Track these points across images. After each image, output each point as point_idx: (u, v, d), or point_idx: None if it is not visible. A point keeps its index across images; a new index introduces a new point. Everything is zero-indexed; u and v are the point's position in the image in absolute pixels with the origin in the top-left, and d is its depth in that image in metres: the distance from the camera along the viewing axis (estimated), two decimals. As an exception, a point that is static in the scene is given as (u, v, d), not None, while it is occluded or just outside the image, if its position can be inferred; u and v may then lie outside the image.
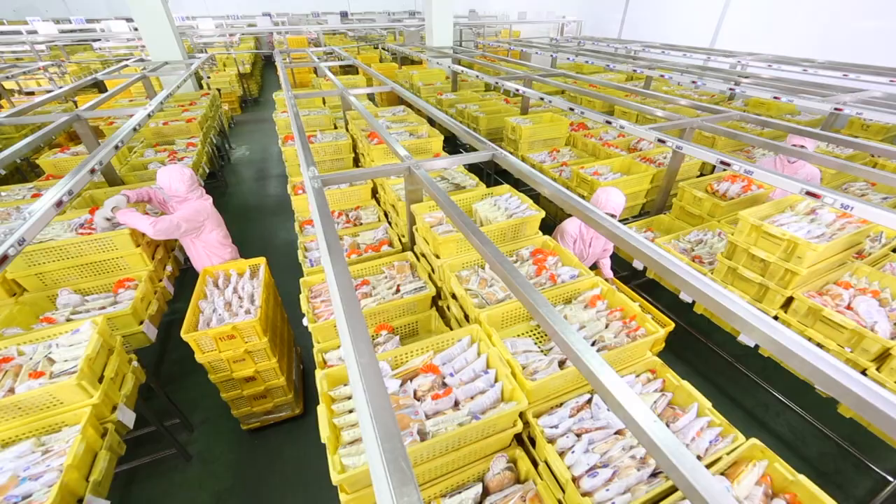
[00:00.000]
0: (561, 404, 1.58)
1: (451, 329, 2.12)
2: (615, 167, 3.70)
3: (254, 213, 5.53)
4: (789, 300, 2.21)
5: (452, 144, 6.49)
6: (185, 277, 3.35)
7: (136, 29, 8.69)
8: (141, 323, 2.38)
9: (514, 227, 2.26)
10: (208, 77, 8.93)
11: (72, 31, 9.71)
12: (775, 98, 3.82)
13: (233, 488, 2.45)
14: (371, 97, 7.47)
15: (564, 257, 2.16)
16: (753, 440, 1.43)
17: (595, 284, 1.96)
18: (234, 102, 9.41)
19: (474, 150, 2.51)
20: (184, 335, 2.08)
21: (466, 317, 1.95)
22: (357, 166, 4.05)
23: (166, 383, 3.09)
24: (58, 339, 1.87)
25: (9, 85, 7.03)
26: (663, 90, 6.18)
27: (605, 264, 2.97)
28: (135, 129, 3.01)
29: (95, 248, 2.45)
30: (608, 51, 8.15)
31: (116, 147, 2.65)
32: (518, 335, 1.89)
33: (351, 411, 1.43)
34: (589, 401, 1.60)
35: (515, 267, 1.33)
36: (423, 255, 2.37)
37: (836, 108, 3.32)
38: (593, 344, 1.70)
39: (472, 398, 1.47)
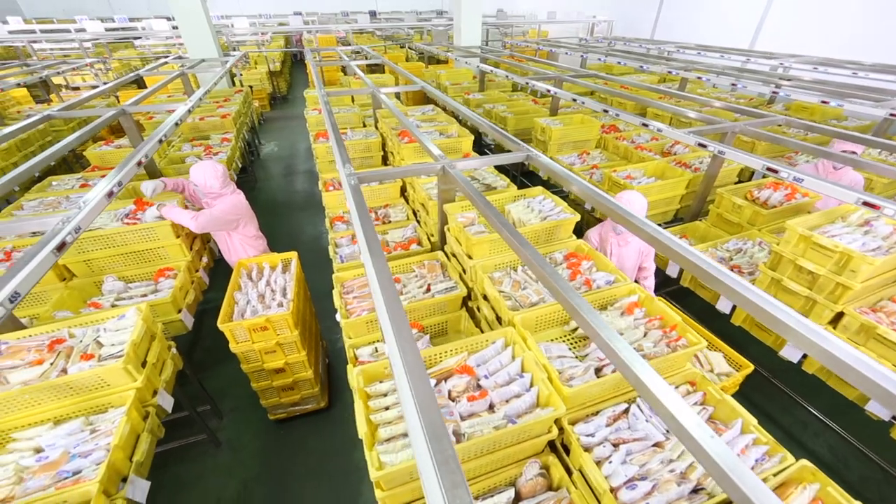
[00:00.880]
0: (597, 413, 1.55)
1: (482, 330, 2.11)
2: (649, 171, 3.60)
3: (282, 208, 5.66)
4: (839, 316, 2.10)
5: (477, 145, 6.46)
6: (217, 269, 3.45)
7: (175, 27, 9.03)
8: (179, 311, 2.47)
9: (548, 230, 2.23)
10: (240, 74, 9.18)
11: (116, 29, 10.16)
12: (823, 102, 3.64)
13: (259, 476, 2.51)
14: (397, 96, 7.52)
15: (599, 262, 2.12)
16: (803, 461, 1.36)
17: (633, 291, 1.91)
18: (263, 99, 9.65)
19: (501, 149, 2.49)
20: (220, 325, 2.14)
21: (498, 319, 1.94)
22: (385, 164, 4.09)
23: (197, 371, 3.18)
24: (105, 323, 1.96)
25: (57, 80, 7.43)
26: (698, 92, 5.98)
27: (647, 286, 2.67)
28: (176, 124, 3.12)
29: (139, 237, 2.55)
30: (640, 51, 7.95)
31: (160, 141, 2.75)
32: (551, 340, 1.86)
33: (387, 408, 1.44)
34: (626, 410, 1.56)
35: (556, 270, 1.30)
36: (454, 255, 2.36)
37: (891, 114, 3.13)
38: (630, 352, 1.65)
39: (507, 401, 1.46)
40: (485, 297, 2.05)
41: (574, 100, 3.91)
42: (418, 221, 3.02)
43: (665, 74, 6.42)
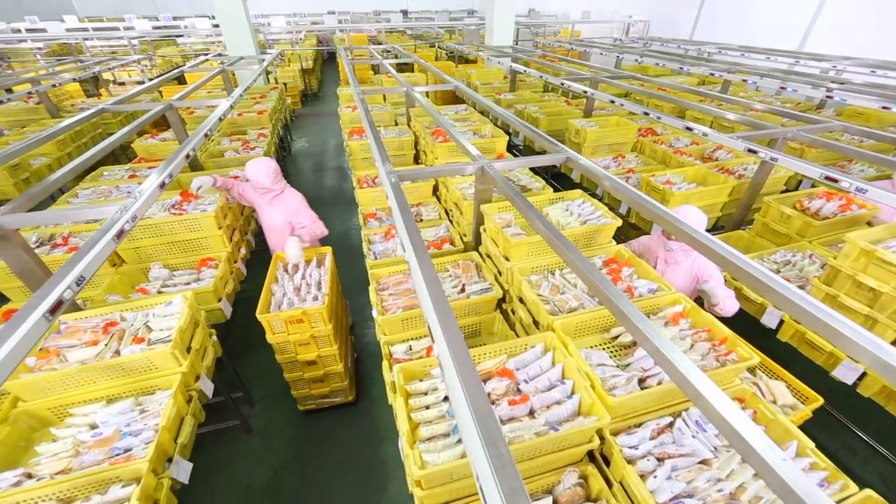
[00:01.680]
0: (639, 424, 1.50)
1: (516, 333, 2.09)
2: (688, 177, 3.47)
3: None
4: (902, 336, 1.96)
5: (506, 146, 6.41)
6: (252, 260, 3.55)
7: (216, 26, 9.36)
8: (219, 300, 2.55)
9: (587, 234, 2.18)
10: (275, 72, 9.43)
11: (161, 27, 10.63)
12: (884, 108, 3.41)
13: (288, 465, 2.57)
14: (426, 94, 7.54)
15: (641, 269, 2.05)
16: (868, 491, 1.28)
17: (677, 301, 1.84)
18: (295, 97, 9.86)
19: (531, 150, 2.45)
20: (259, 315, 2.20)
21: (535, 323, 1.91)
22: (417, 163, 4.10)
23: (231, 358, 3.28)
24: (154, 309, 2.04)
25: (105, 76, 7.83)
26: (741, 95, 5.73)
27: (726, 296, 2.07)
28: (220, 119, 3.23)
29: (185, 227, 2.65)
30: (678, 52, 7.68)
31: (206, 135, 2.85)
32: (590, 347, 1.82)
33: (427, 407, 1.44)
34: (671, 424, 1.50)
35: (604, 275, 1.27)
36: (490, 256, 2.34)
37: (963, 122, 2.90)
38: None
39: (547, 408, 1.43)
40: (521, 300, 2.03)
41: (612, 101, 3.81)
42: (450, 220, 3.01)
43: (705, 77, 6.17)
